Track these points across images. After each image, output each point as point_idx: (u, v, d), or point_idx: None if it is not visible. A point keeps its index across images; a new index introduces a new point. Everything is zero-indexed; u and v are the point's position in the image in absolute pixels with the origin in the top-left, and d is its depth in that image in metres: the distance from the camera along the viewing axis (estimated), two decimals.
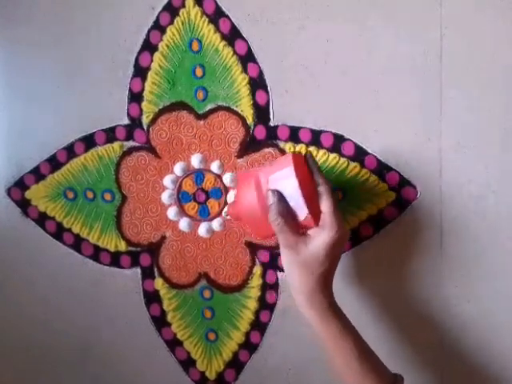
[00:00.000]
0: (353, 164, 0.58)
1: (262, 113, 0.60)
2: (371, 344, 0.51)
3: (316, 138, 0.59)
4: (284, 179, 0.49)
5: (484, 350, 0.59)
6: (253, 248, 0.62)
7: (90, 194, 0.65)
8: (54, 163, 0.65)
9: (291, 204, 0.50)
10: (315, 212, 0.49)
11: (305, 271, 0.49)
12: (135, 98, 0.62)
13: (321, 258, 0.49)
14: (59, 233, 0.67)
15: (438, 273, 0.58)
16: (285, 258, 0.51)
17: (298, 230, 0.50)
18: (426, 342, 0.60)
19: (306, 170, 0.51)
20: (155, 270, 0.65)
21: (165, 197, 0.63)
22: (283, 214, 0.49)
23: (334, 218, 0.49)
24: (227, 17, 0.59)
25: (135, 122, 0.63)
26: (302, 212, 0.49)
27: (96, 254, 0.66)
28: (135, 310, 0.66)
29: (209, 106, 0.61)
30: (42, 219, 0.67)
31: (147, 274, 0.65)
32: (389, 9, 0.55)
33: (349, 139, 0.58)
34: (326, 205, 0.49)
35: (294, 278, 0.50)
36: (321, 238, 0.49)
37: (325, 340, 0.50)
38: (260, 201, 0.51)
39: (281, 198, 0.49)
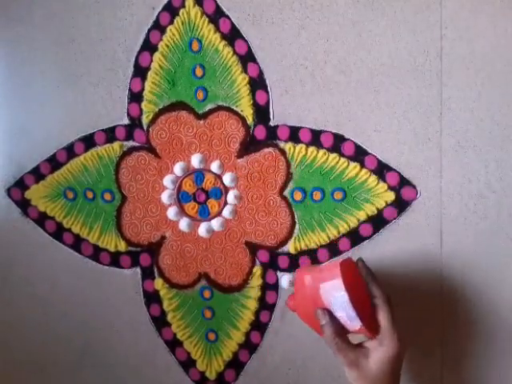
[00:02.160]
0: (353, 164, 0.58)
1: (261, 113, 0.60)
2: None
3: (316, 138, 0.59)
4: (334, 290, 0.49)
5: (484, 350, 0.59)
6: (253, 248, 0.62)
7: (89, 194, 0.65)
8: (53, 163, 0.65)
9: (344, 315, 0.49)
10: (370, 323, 0.49)
11: None
12: (135, 97, 0.62)
13: (383, 373, 0.48)
14: (59, 233, 0.67)
15: (438, 273, 0.58)
16: (350, 375, 0.50)
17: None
18: (426, 342, 0.60)
19: (358, 276, 0.51)
20: (155, 270, 0.65)
21: (165, 197, 0.63)
22: (338, 334, 0.49)
23: (393, 331, 0.48)
24: (227, 17, 0.59)
25: (135, 122, 0.63)
26: (355, 323, 0.48)
27: (96, 253, 0.66)
28: (135, 310, 0.66)
29: (209, 106, 0.61)
30: (41, 219, 0.67)
31: (147, 274, 0.65)
32: (389, 9, 0.55)
33: (349, 139, 0.58)
34: (383, 318, 0.49)
35: None
36: (380, 353, 0.48)
37: None
38: (315, 304, 0.50)
39: (332, 317, 0.49)
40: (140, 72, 0.62)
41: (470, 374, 0.59)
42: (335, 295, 0.49)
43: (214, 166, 0.62)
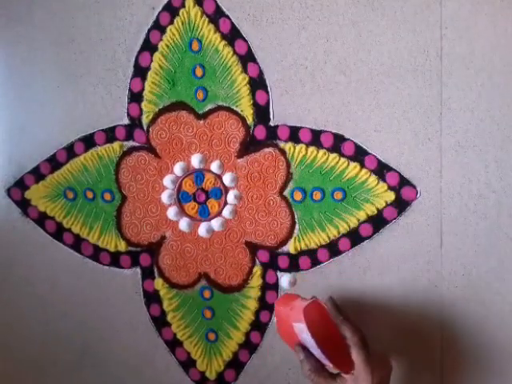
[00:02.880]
0: (353, 164, 0.58)
1: (261, 113, 0.60)
2: (372, 342, 0.51)
3: (316, 138, 0.59)
4: (303, 332, 0.50)
5: (484, 350, 0.59)
6: (253, 248, 0.62)
7: (89, 194, 0.65)
8: (53, 163, 0.65)
9: (316, 354, 0.50)
10: (343, 361, 0.49)
11: None
12: (135, 97, 0.62)
13: None
14: (59, 233, 0.67)
15: (438, 273, 0.58)
16: None
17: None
18: (426, 342, 0.59)
19: (327, 316, 0.52)
20: (155, 270, 0.65)
21: (165, 197, 0.63)
22: (314, 370, 0.50)
23: (367, 370, 0.49)
24: (227, 17, 0.59)
25: (135, 122, 0.63)
26: (327, 363, 0.50)
27: (96, 253, 0.66)
28: (135, 310, 0.66)
29: (209, 106, 0.61)
30: (41, 219, 0.67)
31: (147, 274, 0.65)
32: (389, 9, 0.55)
33: (349, 139, 0.58)
34: (357, 357, 0.49)
35: None
36: None
37: None
38: (292, 337, 0.52)
39: (308, 353, 0.51)
40: (140, 72, 0.62)
41: (470, 377, 0.59)
42: (304, 336, 0.50)
43: (214, 166, 0.62)
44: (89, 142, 0.64)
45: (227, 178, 0.61)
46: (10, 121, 0.66)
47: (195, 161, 0.62)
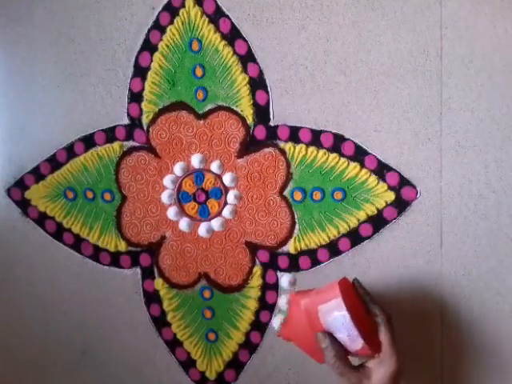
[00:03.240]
0: (353, 164, 0.58)
1: (261, 113, 0.60)
2: None
3: (316, 138, 0.59)
4: (334, 311, 0.49)
5: (484, 350, 0.59)
6: (253, 248, 0.62)
7: (89, 194, 0.65)
8: (53, 163, 0.65)
9: (345, 335, 0.49)
10: (371, 340, 0.49)
11: None
12: (135, 97, 0.62)
13: None
14: (59, 233, 0.67)
15: (438, 273, 0.58)
16: None
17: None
18: (426, 342, 0.60)
19: (355, 295, 0.51)
20: (155, 270, 0.65)
21: (165, 197, 0.63)
22: (339, 357, 0.49)
23: (393, 350, 0.49)
24: (227, 17, 0.59)
25: (135, 122, 0.63)
26: (357, 342, 0.49)
27: (96, 253, 0.66)
28: (135, 310, 0.66)
29: (209, 106, 0.61)
30: (41, 219, 0.67)
31: (147, 274, 0.65)
32: (389, 9, 0.55)
33: (349, 139, 0.58)
34: (385, 337, 0.49)
35: None
36: (382, 371, 0.49)
37: None
38: (313, 329, 0.50)
39: (332, 339, 0.50)
40: (140, 72, 0.62)
41: (470, 377, 0.59)
42: (335, 316, 0.49)
43: (214, 166, 0.62)
44: (89, 142, 0.64)
45: (227, 178, 0.61)
46: (9, 121, 0.66)
47: (195, 161, 0.62)
